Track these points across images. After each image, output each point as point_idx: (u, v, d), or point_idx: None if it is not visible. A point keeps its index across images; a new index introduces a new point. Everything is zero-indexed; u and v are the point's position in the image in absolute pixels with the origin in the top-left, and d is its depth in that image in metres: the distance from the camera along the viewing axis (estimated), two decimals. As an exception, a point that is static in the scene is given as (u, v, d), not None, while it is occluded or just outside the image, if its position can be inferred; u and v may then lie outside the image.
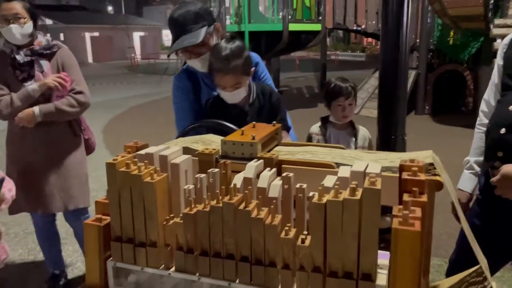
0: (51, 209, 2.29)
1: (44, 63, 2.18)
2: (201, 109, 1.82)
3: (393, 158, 1.04)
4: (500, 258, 1.58)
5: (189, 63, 1.80)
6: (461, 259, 1.29)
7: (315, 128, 2.27)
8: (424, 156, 1.00)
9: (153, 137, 4.80)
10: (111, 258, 0.93)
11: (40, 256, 2.91)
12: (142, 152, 0.98)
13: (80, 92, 2.23)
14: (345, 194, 0.76)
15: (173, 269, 0.88)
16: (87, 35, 32.06)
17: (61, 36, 30.87)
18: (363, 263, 0.76)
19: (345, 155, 1.06)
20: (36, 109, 2.14)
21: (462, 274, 0.93)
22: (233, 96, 1.68)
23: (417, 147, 1.18)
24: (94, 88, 13.05)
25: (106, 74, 19.45)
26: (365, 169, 0.86)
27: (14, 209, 2.26)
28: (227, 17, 8.52)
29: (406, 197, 0.79)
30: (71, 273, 2.69)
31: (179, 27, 1.67)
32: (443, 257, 2.81)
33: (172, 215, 0.91)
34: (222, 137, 1.08)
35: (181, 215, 0.86)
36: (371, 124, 3.17)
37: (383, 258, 0.90)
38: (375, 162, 1.02)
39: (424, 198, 0.80)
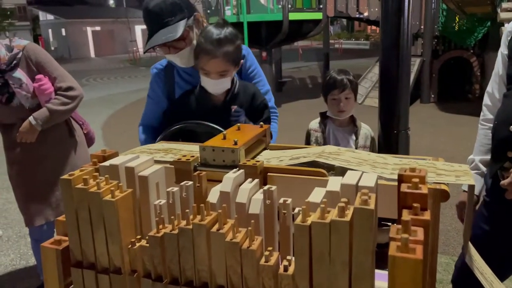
0: (62, 209, 2.24)
1: (19, 74, 2.01)
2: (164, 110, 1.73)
3: (293, 154, 0.97)
4: (510, 263, 1.46)
5: (168, 58, 1.67)
6: (467, 266, 1.17)
7: (314, 124, 2.09)
8: (318, 150, 0.93)
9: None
10: (72, 286, 0.82)
11: (32, 261, 2.83)
12: (106, 163, 0.87)
13: (69, 88, 2.11)
14: (332, 214, 0.64)
15: (140, 298, 0.78)
16: (89, 30, 31.93)
17: (63, 31, 30.80)
18: (356, 294, 0.65)
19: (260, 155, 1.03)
20: (31, 119, 2.05)
21: None
22: (216, 85, 1.53)
23: (422, 136, 1.05)
24: (96, 83, 12.93)
25: (108, 68, 19.35)
26: (358, 181, 0.74)
27: (36, 220, 2.18)
28: (226, 7, 8.34)
29: (405, 215, 0.67)
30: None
31: (155, 20, 1.53)
32: (451, 255, 2.69)
33: (139, 236, 0.80)
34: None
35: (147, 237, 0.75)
36: (375, 114, 3.01)
37: (381, 279, 0.79)
38: (279, 161, 0.95)
39: (426, 215, 0.68)
